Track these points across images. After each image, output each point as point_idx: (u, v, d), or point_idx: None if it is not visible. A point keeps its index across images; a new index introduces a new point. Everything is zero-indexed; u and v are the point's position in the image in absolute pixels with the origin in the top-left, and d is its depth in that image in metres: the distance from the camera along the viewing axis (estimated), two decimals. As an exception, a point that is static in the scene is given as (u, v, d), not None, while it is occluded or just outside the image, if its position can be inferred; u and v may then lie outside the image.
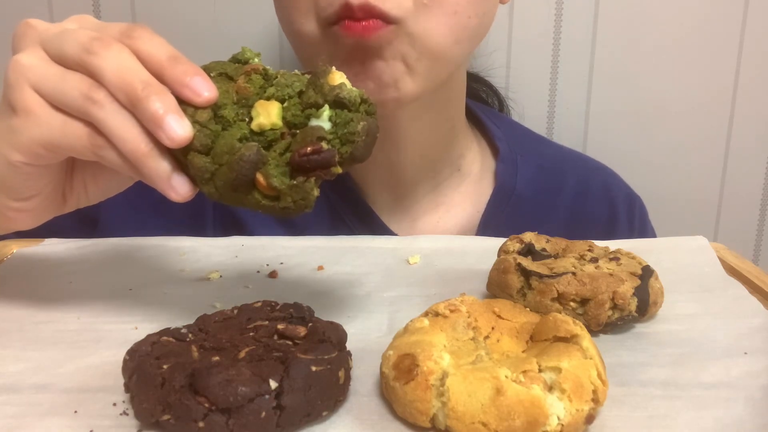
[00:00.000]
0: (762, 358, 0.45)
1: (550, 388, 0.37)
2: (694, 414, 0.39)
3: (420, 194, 0.73)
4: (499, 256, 0.54)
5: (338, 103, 0.42)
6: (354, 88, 0.43)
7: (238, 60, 0.45)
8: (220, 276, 0.58)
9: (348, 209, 0.73)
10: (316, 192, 0.42)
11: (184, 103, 0.42)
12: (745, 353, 0.45)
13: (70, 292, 0.55)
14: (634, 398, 0.41)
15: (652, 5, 0.92)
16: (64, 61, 0.43)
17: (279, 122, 0.42)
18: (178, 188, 0.43)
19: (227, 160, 0.41)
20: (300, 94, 0.43)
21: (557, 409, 0.36)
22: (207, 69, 0.44)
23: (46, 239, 0.65)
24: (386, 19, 0.57)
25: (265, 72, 0.43)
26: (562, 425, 0.36)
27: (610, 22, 0.93)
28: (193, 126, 0.42)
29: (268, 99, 0.42)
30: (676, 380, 0.43)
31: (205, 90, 0.42)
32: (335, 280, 0.57)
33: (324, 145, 0.41)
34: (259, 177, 0.41)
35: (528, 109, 0.94)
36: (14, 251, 0.62)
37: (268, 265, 0.60)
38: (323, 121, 0.42)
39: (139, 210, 0.72)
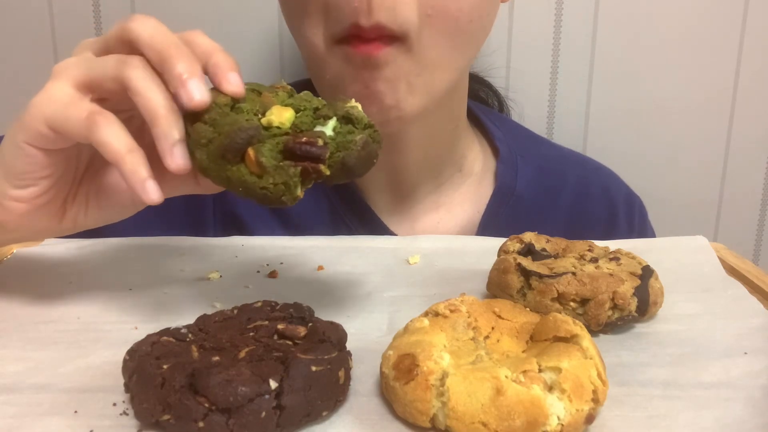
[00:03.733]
0: (762, 358, 0.45)
1: (550, 388, 0.37)
2: (694, 414, 0.39)
3: (421, 195, 0.74)
4: (499, 256, 0.54)
5: (346, 119, 0.44)
6: (365, 115, 0.45)
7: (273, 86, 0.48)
8: (220, 276, 0.58)
9: (348, 210, 0.73)
10: (299, 190, 0.43)
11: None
12: (745, 353, 0.45)
13: (70, 292, 0.55)
14: (634, 398, 0.41)
15: (652, 5, 0.92)
16: (106, 49, 0.47)
17: (287, 124, 0.44)
18: (178, 157, 0.44)
19: (227, 130, 0.42)
20: (315, 109, 0.45)
21: (557, 409, 0.36)
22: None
23: (46, 239, 0.65)
24: (393, 37, 0.57)
25: (291, 92, 0.47)
26: (562, 425, 0.36)
27: (610, 22, 0.93)
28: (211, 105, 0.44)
29: (283, 103, 0.45)
30: (676, 380, 0.43)
31: (237, 85, 0.44)
32: (335, 280, 0.57)
33: (320, 141, 0.42)
34: (250, 151, 0.42)
35: (528, 110, 0.94)
36: (14, 251, 0.62)
37: (268, 265, 0.60)
38: (328, 128, 0.44)
39: (138, 213, 0.72)
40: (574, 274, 0.49)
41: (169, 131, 0.43)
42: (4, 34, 0.92)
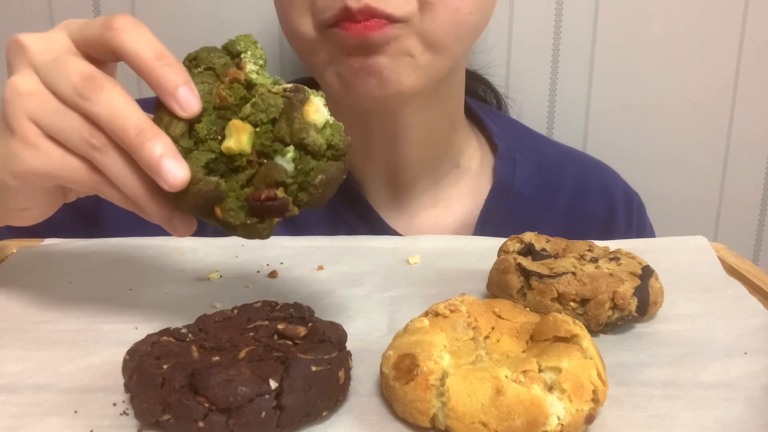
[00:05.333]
0: (762, 358, 0.45)
1: (550, 388, 0.37)
2: (694, 414, 0.39)
3: (419, 190, 0.74)
4: (499, 256, 0.54)
5: (303, 147, 0.42)
6: (321, 119, 0.42)
7: (230, 51, 0.45)
8: (220, 276, 0.58)
9: (347, 206, 0.73)
10: (272, 227, 0.43)
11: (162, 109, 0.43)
12: (745, 353, 0.45)
13: (70, 292, 0.55)
14: (634, 398, 0.41)
15: (652, 5, 0.92)
16: (59, 96, 0.43)
17: (248, 149, 0.42)
18: (179, 228, 0.44)
19: (190, 189, 0.42)
20: (274, 121, 0.43)
21: (557, 409, 0.36)
22: (196, 59, 0.44)
23: (46, 239, 0.65)
24: (391, 19, 0.57)
25: (248, 82, 0.43)
26: (562, 425, 0.36)
27: (610, 22, 0.93)
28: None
29: (243, 118, 0.42)
30: (676, 380, 0.43)
31: (189, 104, 0.42)
32: (335, 280, 0.57)
33: (279, 193, 0.42)
34: (218, 211, 0.42)
35: (528, 109, 0.94)
36: (14, 251, 0.62)
37: (268, 265, 0.60)
38: (287, 161, 0.42)
39: None
40: (574, 274, 0.49)
41: (160, 210, 0.43)
42: (4, 34, 0.92)
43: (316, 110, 0.42)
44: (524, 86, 0.94)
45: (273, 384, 0.36)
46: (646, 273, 0.50)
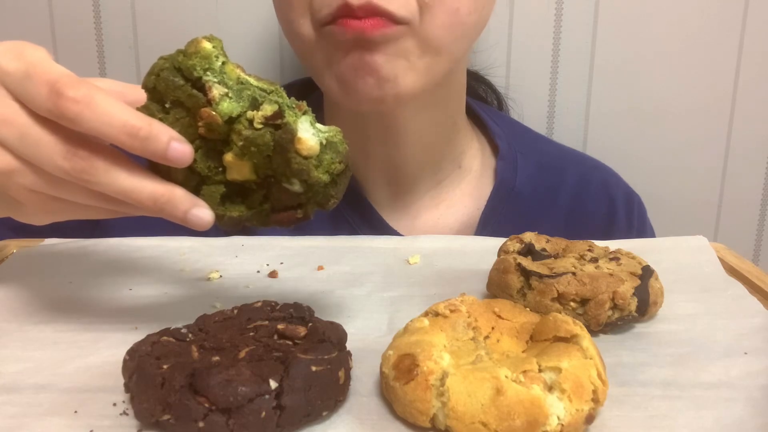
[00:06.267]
0: (762, 358, 0.45)
1: (550, 388, 0.37)
2: (694, 414, 0.39)
3: (421, 191, 0.74)
4: (499, 256, 0.54)
5: (306, 183, 0.43)
6: (322, 151, 0.42)
7: (187, 78, 0.42)
8: (220, 276, 0.58)
9: (348, 206, 0.73)
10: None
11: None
12: (745, 353, 0.45)
13: (70, 292, 0.55)
14: (634, 398, 0.41)
15: (652, 6, 0.92)
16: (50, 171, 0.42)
17: (253, 176, 0.43)
18: (198, 219, 0.43)
19: (219, 222, 0.44)
20: (269, 157, 0.42)
21: (557, 409, 0.36)
22: (156, 91, 0.42)
23: (46, 239, 0.65)
24: (393, 19, 0.57)
25: (228, 120, 0.42)
26: (562, 425, 0.36)
27: (610, 22, 0.93)
28: None
29: (237, 154, 0.42)
30: (676, 380, 0.43)
31: (184, 156, 0.42)
32: (335, 280, 0.57)
33: (299, 214, 0.44)
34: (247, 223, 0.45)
35: (528, 109, 0.94)
36: (14, 251, 0.62)
37: (268, 265, 0.60)
38: (294, 185, 0.43)
39: None
40: (574, 274, 0.49)
41: (176, 211, 0.43)
42: (4, 34, 0.92)
43: (308, 145, 0.41)
44: (524, 86, 0.94)
45: (273, 384, 0.36)
46: (646, 273, 0.50)
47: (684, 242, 0.63)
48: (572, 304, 0.48)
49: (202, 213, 0.43)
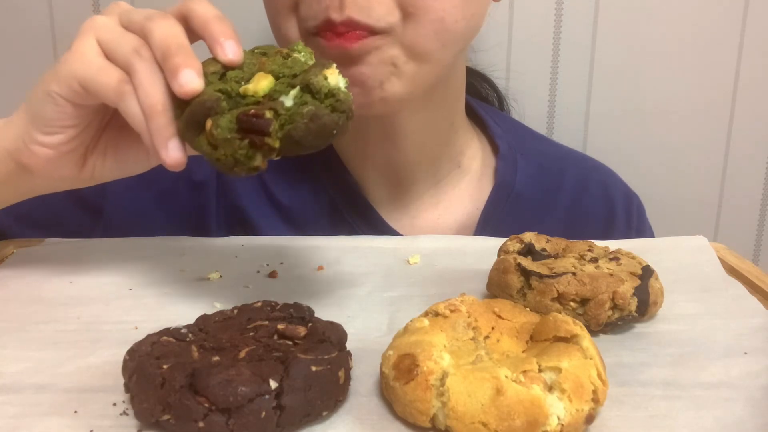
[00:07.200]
0: (762, 358, 0.45)
1: (550, 388, 0.37)
2: (694, 414, 0.39)
3: (420, 191, 0.74)
4: (499, 256, 0.54)
5: (308, 88, 0.44)
6: (334, 83, 0.44)
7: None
8: (220, 276, 0.58)
9: (348, 206, 0.73)
10: (255, 161, 0.44)
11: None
12: (745, 353, 0.45)
13: (70, 292, 0.55)
14: (634, 398, 0.41)
15: (652, 5, 0.92)
16: (129, 26, 0.49)
17: (260, 93, 0.45)
18: (172, 151, 0.46)
19: (194, 100, 0.45)
20: (294, 76, 0.45)
21: (557, 409, 0.36)
22: (256, 47, 0.49)
23: (46, 239, 0.65)
24: (372, 31, 0.58)
25: (288, 55, 0.47)
26: (562, 425, 0.36)
27: (610, 22, 0.93)
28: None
29: (269, 72, 0.46)
30: (676, 380, 0.43)
31: (232, 52, 0.47)
32: (335, 280, 0.57)
33: (267, 113, 0.43)
34: (208, 123, 0.44)
35: (528, 109, 0.94)
36: (14, 251, 0.62)
37: (268, 265, 0.60)
38: (288, 98, 0.44)
39: (143, 201, 0.73)
40: (574, 274, 0.49)
41: (165, 126, 0.46)
42: (4, 34, 0.92)
43: (334, 75, 0.44)
44: (524, 87, 0.94)
45: (273, 384, 0.36)
46: (646, 273, 0.50)
47: (684, 242, 0.63)
48: (572, 304, 0.48)
49: (194, 78, 0.45)
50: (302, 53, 0.48)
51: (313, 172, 0.74)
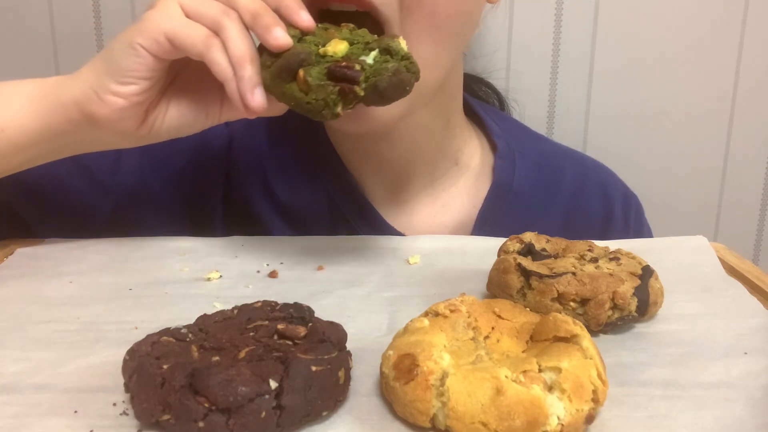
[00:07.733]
0: (762, 358, 0.45)
1: (550, 388, 0.37)
2: (694, 414, 0.39)
3: (417, 188, 0.74)
4: (499, 256, 0.54)
5: (386, 50, 0.52)
6: (405, 49, 0.53)
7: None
8: (220, 276, 0.58)
9: (347, 203, 0.73)
10: (338, 108, 0.51)
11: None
12: (745, 353, 0.45)
13: (70, 292, 0.55)
14: (634, 398, 0.41)
15: (652, 6, 0.92)
16: None
17: (340, 54, 0.52)
18: (258, 96, 0.52)
19: (286, 54, 0.51)
20: (367, 43, 0.53)
21: (557, 409, 0.36)
22: (318, 23, 0.55)
23: (47, 239, 0.65)
24: (375, 14, 0.57)
25: (353, 29, 0.54)
26: (562, 425, 0.36)
27: (610, 23, 0.93)
28: None
29: (342, 39, 0.53)
30: (676, 380, 0.43)
31: (308, 19, 0.53)
32: (335, 280, 0.57)
33: (357, 66, 0.50)
34: (300, 72, 0.50)
35: (528, 110, 0.94)
36: (15, 251, 0.62)
37: (268, 265, 0.60)
38: (369, 58, 0.52)
39: (152, 184, 0.73)
40: (574, 274, 0.49)
41: (253, 74, 0.51)
42: (4, 34, 0.92)
43: (404, 43, 0.53)
44: (524, 89, 0.94)
45: (273, 384, 0.36)
46: (646, 273, 0.50)
47: (684, 242, 0.64)
48: (572, 304, 0.48)
49: (285, 36, 0.51)
50: (350, 29, 0.55)
51: (313, 170, 0.74)
